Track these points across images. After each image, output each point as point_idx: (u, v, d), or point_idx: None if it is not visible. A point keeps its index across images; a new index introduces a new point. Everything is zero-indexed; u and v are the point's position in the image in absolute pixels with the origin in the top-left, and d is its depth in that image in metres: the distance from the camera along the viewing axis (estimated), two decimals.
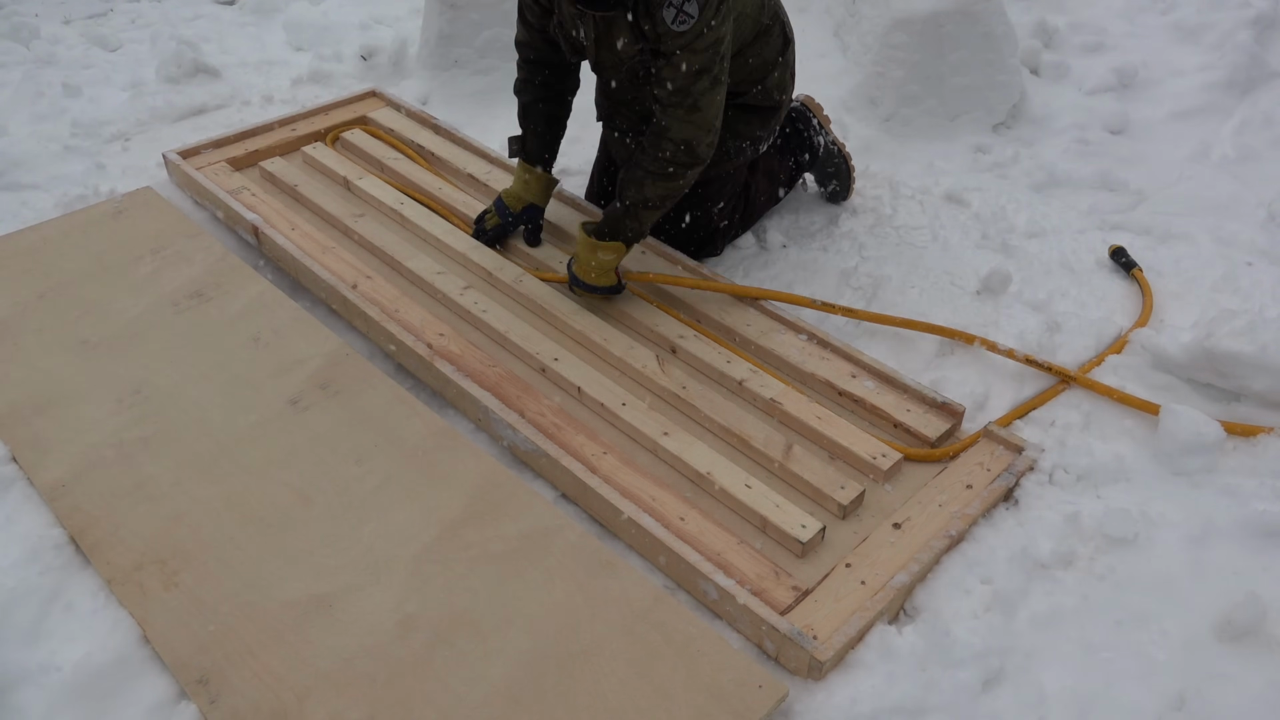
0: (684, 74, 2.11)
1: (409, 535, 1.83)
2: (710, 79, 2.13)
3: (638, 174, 2.23)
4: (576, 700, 1.56)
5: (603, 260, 2.31)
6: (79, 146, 3.21)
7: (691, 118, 2.15)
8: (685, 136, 2.17)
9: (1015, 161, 3.12)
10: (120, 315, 2.37)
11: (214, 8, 4.49)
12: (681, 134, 2.16)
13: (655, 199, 2.24)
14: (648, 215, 2.28)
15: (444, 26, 3.51)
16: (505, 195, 2.60)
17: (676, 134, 2.17)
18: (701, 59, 2.11)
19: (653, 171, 2.21)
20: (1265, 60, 3.50)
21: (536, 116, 2.52)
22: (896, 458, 2.00)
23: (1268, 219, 2.82)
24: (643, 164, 2.22)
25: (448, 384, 2.17)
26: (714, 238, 2.61)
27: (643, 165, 2.22)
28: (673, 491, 1.94)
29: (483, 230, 2.62)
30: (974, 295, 2.51)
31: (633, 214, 2.26)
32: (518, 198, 2.58)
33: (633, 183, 2.24)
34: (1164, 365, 2.23)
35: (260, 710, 1.54)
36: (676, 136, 2.17)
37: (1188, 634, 1.71)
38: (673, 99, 2.15)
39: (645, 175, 2.22)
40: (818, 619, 1.68)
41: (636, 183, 2.24)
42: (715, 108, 2.18)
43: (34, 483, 1.95)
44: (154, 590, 1.73)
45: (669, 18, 2.06)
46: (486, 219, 2.62)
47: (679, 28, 2.07)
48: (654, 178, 2.22)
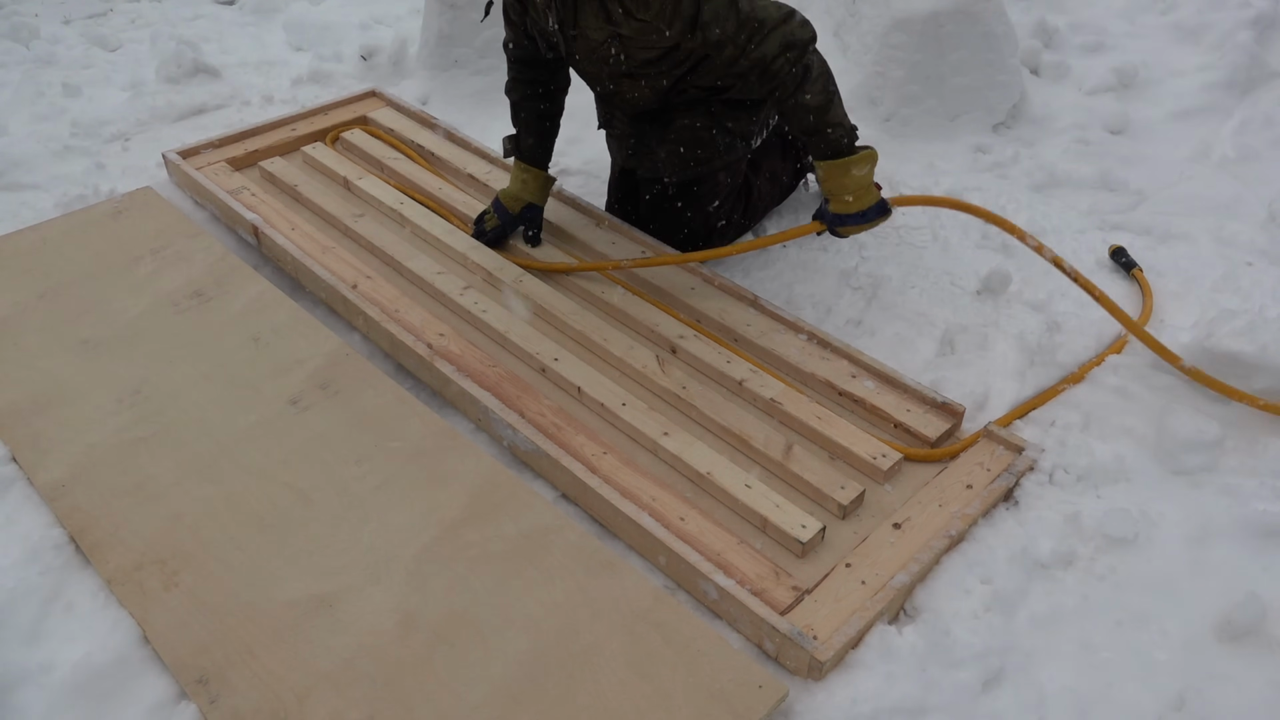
0: (724, 16, 2.04)
1: (409, 535, 1.83)
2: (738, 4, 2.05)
3: (786, 104, 2.12)
4: (576, 700, 1.56)
5: (861, 176, 2.14)
6: (79, 146, 3.21)
7: (764, 30, 2.06)
8: (779, 44, 2.06)
9: (1015, 161, 3.12)
10: (120, 315, 2.37)
11: (214, 8, 4.49)
12: (776, 46, 2.06)
13: (819, 100, 2.11)
14: (832, 115, 2.12)
15: (444, 26, 3.51)
16: (503, 196, 2.59)
17: (773, 50, 2.06)
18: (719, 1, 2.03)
19: (792, 88, 2.09)
20: (1265, 60, 3.50)
21: (528, 115, 2.51)
22: (896, 458, 2.00)
23: (1268, 219, 2.82)
24: (783, 92, 2.11)
25: (448, 384, 2.17)
26: (711, 237, 2.61)
27: (783, 92, 2.11)
28: (673, 491, 1.94)
29: (482, 231, 2.61)
30: (974, 295, 2.51)
31: (822, 127, 2.12)
32: (515, 198, 2.57)
33: (793, 111, 2.13)
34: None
35: (260, 710, 1.54)
36: (775, 51, 2.06)
37: (1188, 634, 1.71)
38: (740, 44, 2.06)
39: (790, 96, 2.10)
40: (818, 619, 1.68)
41: (795, 109, 2.12)
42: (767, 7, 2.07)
43: (34, 483, 1.95)
44: (154, 590, 1.73)
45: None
46: (486, 220, 2.61)
47: None
48: (796, 90, 2.10)
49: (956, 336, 2.37)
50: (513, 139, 2.56)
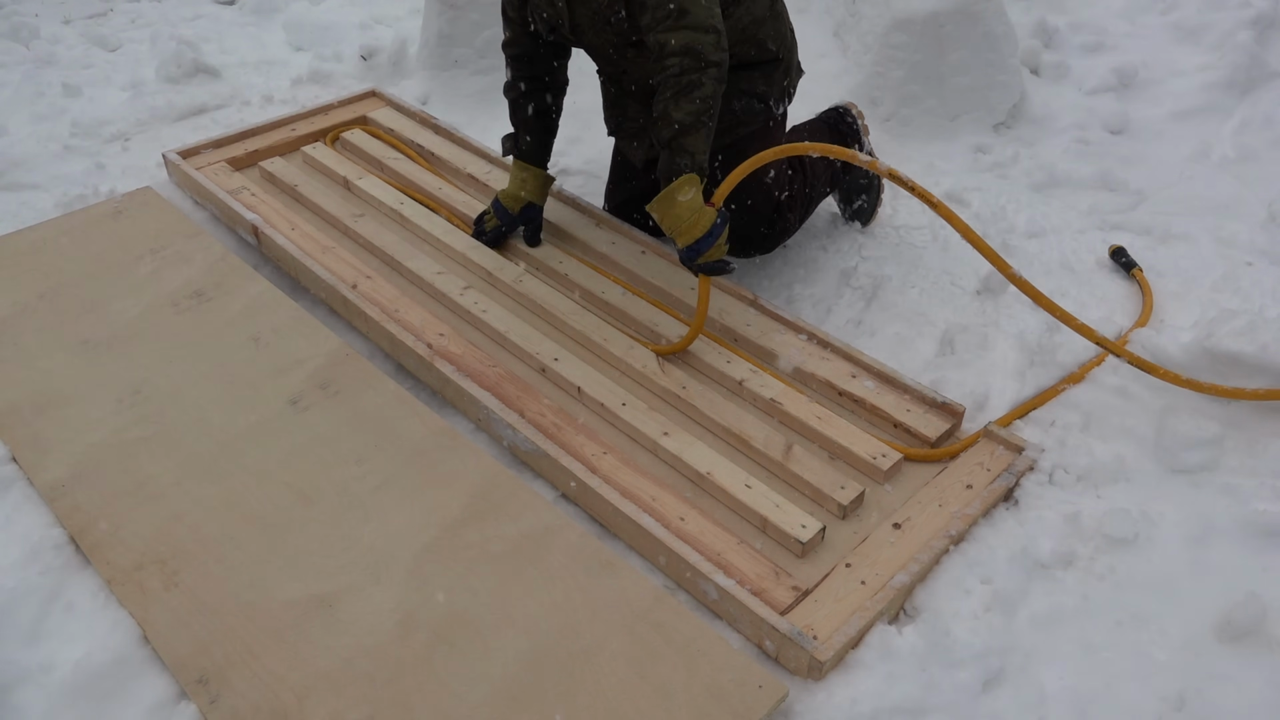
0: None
1: (409, 535, 1.83)
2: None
3: (659, 106, 2.08)
4: (576, 700, 1.56)
5: (685, 202, 2.07)
6: (79, 146, 3.21)
7: (682, 23, 2.03)
8: (684, 43, 2.03)
9: (1015, 161, 3.12)
10: (120, 315, 2.37)
11: (214, 8, 4.49)
12: (681, 42, 2.04)
13: (688, 119, 2.05)
14: (691, 141, 2.07)
15: (444, 26, 3.51)
16: (502, 196, 2.57)
17: (676, 44, 2.04)
18: None
19: (671, 92, 2.06)
20: (1265, 60, 3.50)
21: (527, 113, 2.50)
22: (896, 458, 2.00)
23: (1268, 219, 2.82)
24: (660, 98, 2.08)
25: (448, 384, 2.17)
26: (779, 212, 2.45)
27: (660, 95, 2.08)
28: (673, 491, 1.94)
29: (482, 231, 2.61)
30: (974, 295, 2.51)
31: (676, 148, 2.08)
32: (515, 197, 2.56)
33: (660, 118, 2.09)
34: (1164, 365, 2.23)
35: (260, 710, 1.54)
36: (676, 47, 2.04)
37: (1188, 634, 1.71)
38: (658, 16, 2.04)
39: (665, 101, 2.07)
40: (818, 619, 1.68)
41: (662, 115, 2.08)
42: (704, 7, 2.05)
43: (34, 483, 1.95)
44: (154, 590, 1.73)
45: None
46: (485, 220, 2.61)
47: None
48: (675, 95, 2.05)
49: (956, 336, 2.37)
50: (511, 137, 2.55)
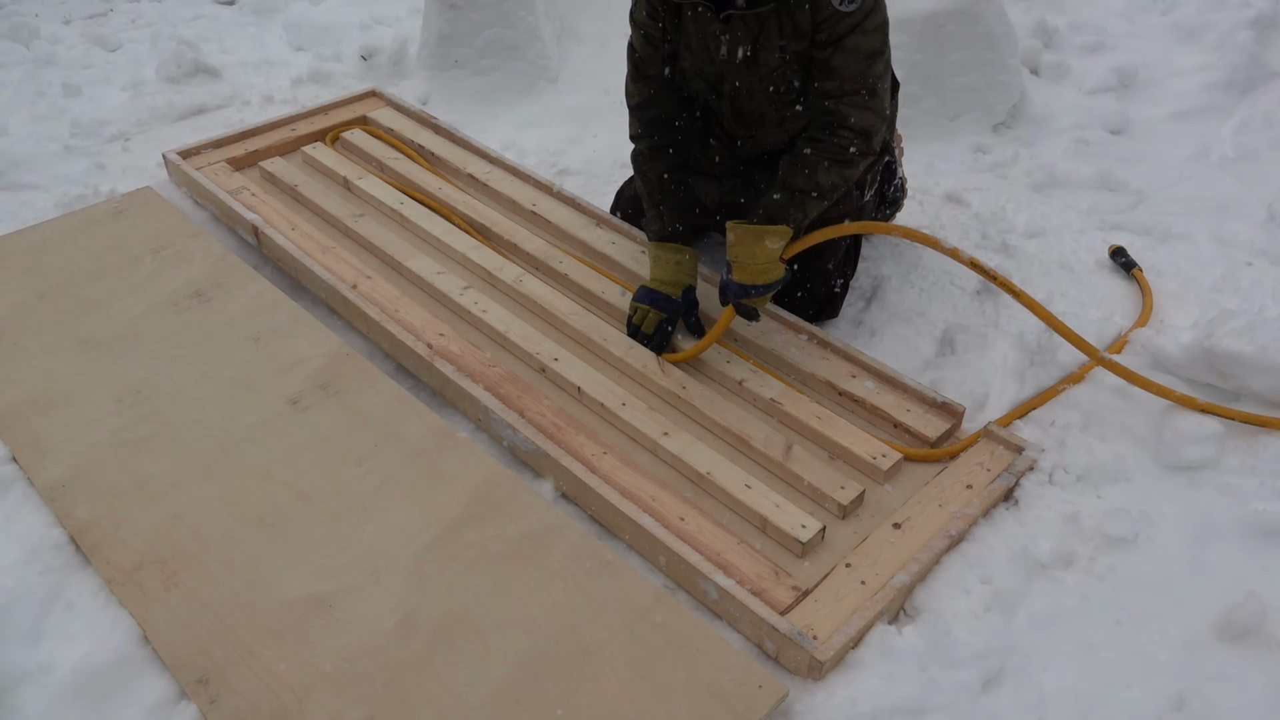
0: (858, 58, 2.00)
1: (409, 535, 1.83)
2: (884, 62, 2.03)
3: (811, 159, 2.05)
4: (576, 700, 1.56)
5: (770, 250, 2.05)
6: (79, 146, 3.21)
7: (870, 104, 2.02)
8: (864, 125, 2.03)
9: (1015, 161, 3.12)
10: (120, 315, 2.37)
11: (214, 8, 4.49)
12: (861, 122, 2.03)
13: (827, 187, 2.06)
14: (813, 205, 2.07)
15: (444, 26, 3.51)
16: (657, 284, 2.28)
17: (856, 123, 2.02)
18: (874, 40, 2.00)
19: (830, 158, 2.04)
20: (1265, 60, 3.50)
21: (672, 191, 2.28)
22: (896, 458, 2.00)
23: (1268, 219, 2.82)
24: (818, 151, 2.05)
25: (448, 384, 2.17)
26: (833, 299, 2.41)
27: (818, 152, 2.05)
28: (673, 491, 1.94)
29: (647, 336, 2.26)
30: (974, 295, 2.51)
31: (799, 203, 2.05)
32: (675, 284, 2.27)
33: (802, 170, 2.05)
34: (1164, 365, 2.23)
35: (260, 710, 1.54)
36: (856, 125, 2.03)
37: (1188, 634, 1.71)
38: (847, 88, 2.02)
39: (821, 161, 2.04)
40: (818, 619, 1.68)
41: (808, 170, 2.05)
42: (887, 94, 2.07)
43: (34, 483, 1.95)
44: (154, 590, 1.73)
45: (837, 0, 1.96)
46: (637, 320, 2.28)
47: (847, 8, 1.96)
48: (832, 164, 2.04)
49: (956, 336, 2.37)
50: (655, 219, 2.30)
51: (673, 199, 2.29)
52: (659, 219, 2.29)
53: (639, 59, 2.23)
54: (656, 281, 2.29)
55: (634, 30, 2.22)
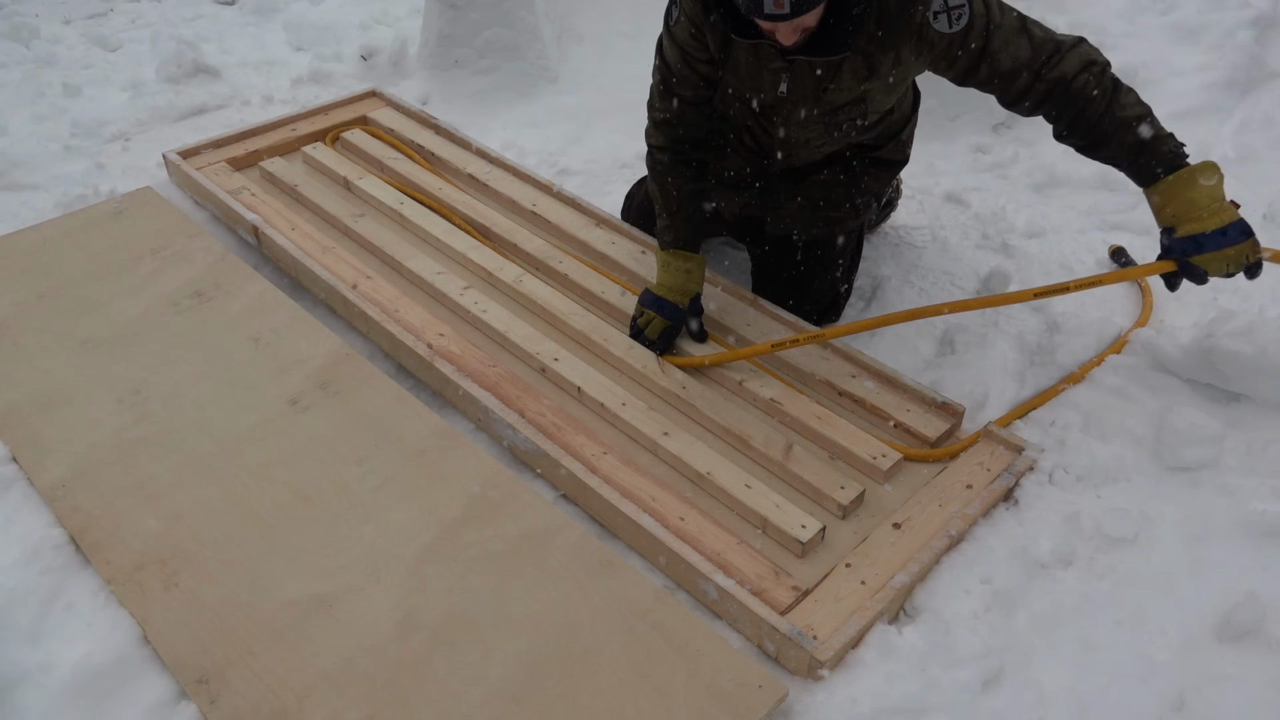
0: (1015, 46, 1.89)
1: (409, 535, 1.83)
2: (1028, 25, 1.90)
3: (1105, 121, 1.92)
4: (576, 700, 1.56)
5: (1210, 187, 1.88)
6: (79, 146, 3.22)
7: (1061, 52, 1.90)
8: (1078, 62, 1.90)
9: (1015, 161, 3.12)
10: (120, 315, 2.37)
11: (214, 8, 4.49)
12: (1074, 65, 1.89)
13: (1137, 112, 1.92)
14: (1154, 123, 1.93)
15: (444, 26, 3.51)
16: (664, 291, 2.23)
17: (1070, 68, 1.89)
18: (1009, 22, 1.89)
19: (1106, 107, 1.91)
20: (1265, 60, 3.50)
21: (686, 200, 2.21)
22: (896, 458, 2.00)
23: (1267, 219, 2.82)
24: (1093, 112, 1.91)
25: (448, 384, 2.17)
26: (837, 301, 2.42)
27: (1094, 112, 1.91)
28: (673, 491, 1.94)
29: (651, 341, 2.23)
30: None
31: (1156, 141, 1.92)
32: (682, 291, 2.22)
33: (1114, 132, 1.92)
34: (1164, 365, 2.23)
35: (260, 710, 1.54)
36: (1073, 69, 1.89)
37: (1188, 634, 1.71)
38: (1035, 67, 1.89)
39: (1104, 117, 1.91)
40: (818, 619, 1.68)
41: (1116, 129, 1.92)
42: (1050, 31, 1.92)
43: (34, 483, 1.95)
44: (154, 590, 1.73)
45: (944, 26, 1.86)
46: (641, 323, 2.25)
47: (960, 25, 1.86)
48: (1113, 106, 1.91)
49: (956, 336, 2.37)
50: (668, 229, 2.23)
51: (690, 210, 2.21)
52: (673, 230, 2.22)
53: (673, 79, 2.09)
54: (664, 288, 2.24)
55: (670, 45, 2.07)
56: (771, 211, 2.32)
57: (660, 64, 2.12)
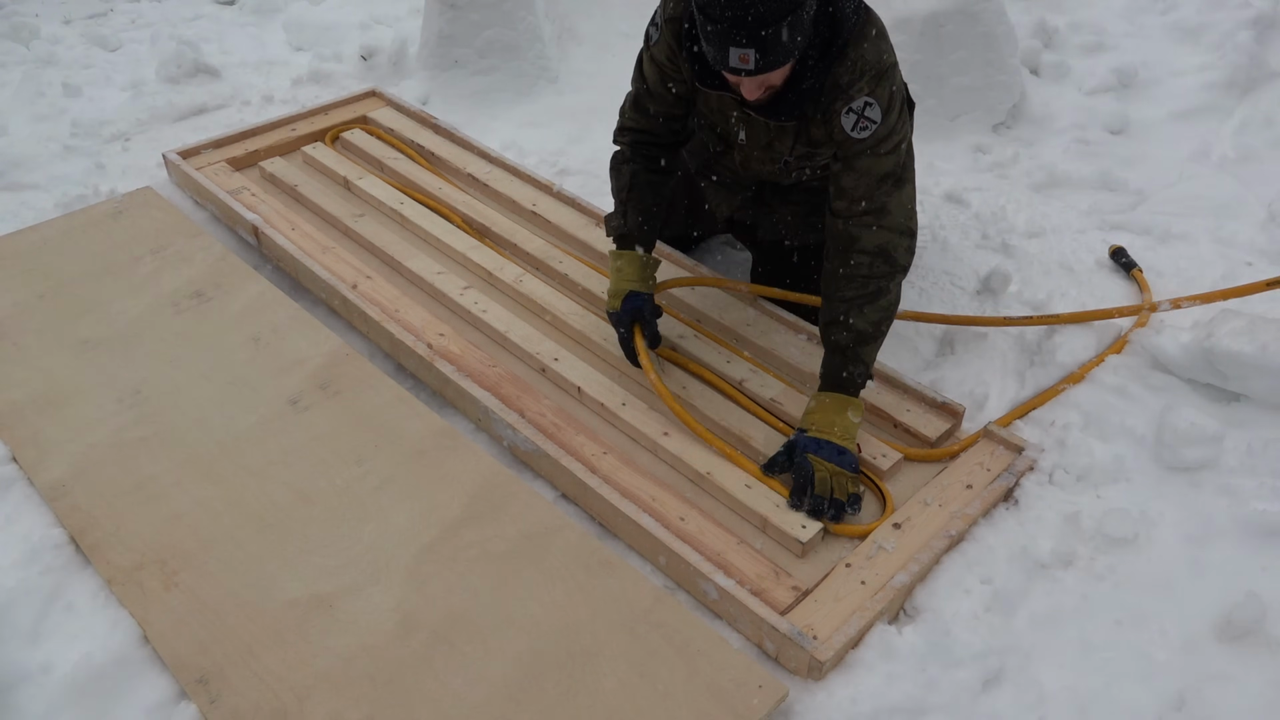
0: (869, 180, 1.89)
1: (409, 535, 1.83)
2: (894, 181, 1.91)
3: (838, 308, 1.94)
4: (577, 700, 1.56)
5: (854, 424, 1.93)
6: (79, 146, 3.21)
7: (881, 221, 1.90)
8: (879, 244, 1.91)
9: (1015, 161, 3.12)
10: (120, 315, 2.37)
11: (214, 8, 4.49)
12: (875, 243, 1.91)
13: (869, 329, 1.93)
14: (868, 351, 1.94)
15: (444, 26, 3.51)
16: (611, 300, 2.20)
17: (868, 244, 1.91)
18: (888, 162, 1.89)
19: (851, 298, 1.92)
20: (1265, 60, 3.50)
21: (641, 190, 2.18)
22: (896, 458, 2.00)
23: (1268, 219, 2.82)
24: (839, 294, 1.94)
25: (448, 384, 2.17)
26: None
27: (839, 296, 1.93)
28: (673, 491, 1.94)
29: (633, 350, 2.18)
30: (974, 295, 2.52)
31: (852, 356, 1.94)
32: (616, 294, 2.19)
33: (835, 323, 1.95)
34: (1164, 365, 2.23)
35: (260, 710, 1.54)
36: (868, 246, 1.91)
37: (1188, 634, 1.71)
38: (855, 209, 1.91)
39: (847, 306, 1.92)
40: (818, 619, 1.68)
41: (840, 321, 1.94)
42: (905, 207, 1.93)
43: (34, 483, 1.95)
44: (154, 590, 1.73)
45: (848, 125, 1.86)
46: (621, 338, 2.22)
47: (860, 134, 1.86)
48: (859, 304, 1.92)
49: (956, 336, 2.37)
50: (617, 216, 2.23)
51: (642, 199, 2.18)
52: (618, 217, 2.22)
53: (647, 92, 2.11)
54: (610, 297, 2.20)
55: (649, 65, 2.08)
56: (763, 219, 2.33)
57: (638, 79, 2.14)
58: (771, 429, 2.07)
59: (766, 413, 2.10)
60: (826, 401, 1.95)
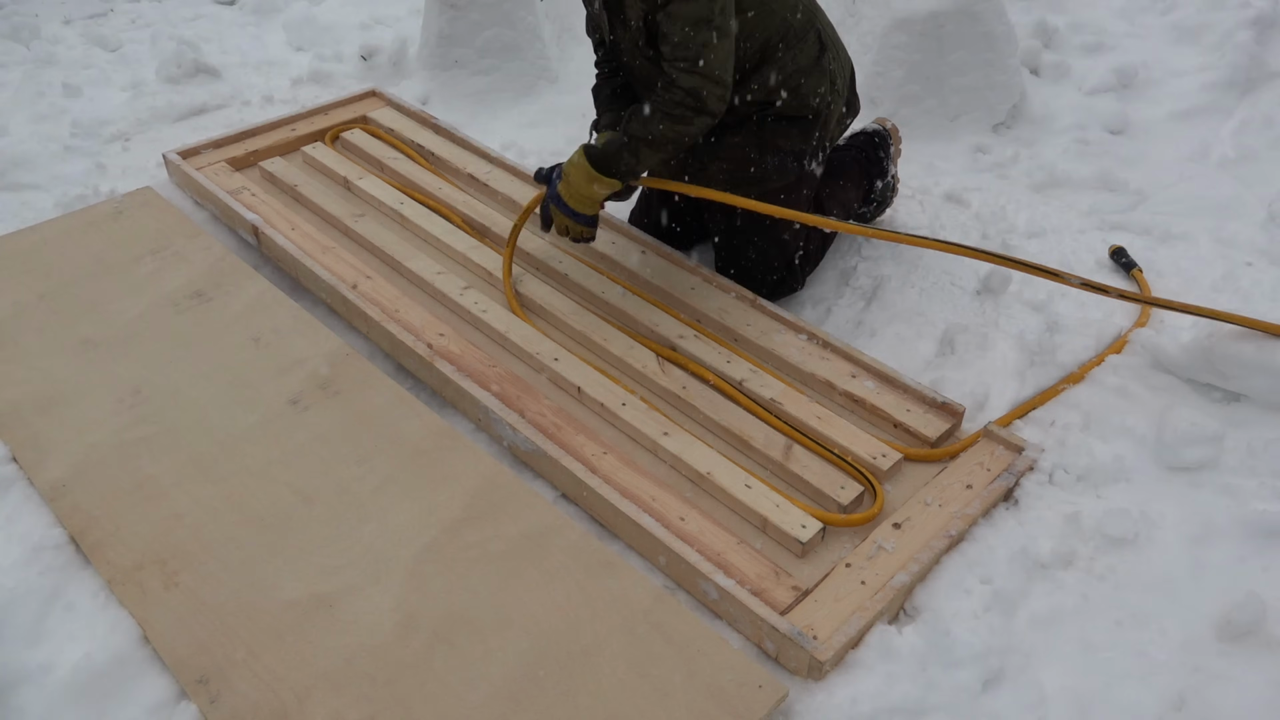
0: (682, 24, 2.06)
1: (409, 535, 1.83)
2: (710, 29, 2.06)
3: (646, 109, 2.16)
4: (576, 700, 1.56)
5: (594, 192, 2.22)
6: (79, 146, 3.21)
7: (696, 68, 2.08)
8: (691, 85, 2.10)
9: (1015, 161, 3.12)
10: (120, 315, 2.37)
11: (214, 8, 4.49)
12: (688, 83, 2.10)
13: (659, 138, 2.14)
14: (647, 154, 2.17)
15: (444, 26, 3.51)
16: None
17: (683, 83, 2.10)
18: (697, 7, 2.04)
19: (661, 110, 2.14)
20: (1265, 60, 3.50)
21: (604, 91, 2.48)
22: (896, 458, 2.00)
23: (1268, 219, 2.82)
24: (653, 101, 2.15)
25: (448, 384, 2.17)
26: (792, 269, 2.47)
27: (653, 102, 2.15)
28: (673, 491, 1.94)
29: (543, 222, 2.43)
30: (974, 295, 2.51)
31: (632, 148, 2.16)
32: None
33: (639, 118, 2.16)
34: (1164, 365, 2.23)
35: (260, 710, 1.54)
36: (684, 85, 2.10)
37: (1188, 634, 1.71)
38: (676, 53, 2.09)
39: (654, 112, 2.14)
40: (818, 619, 1.68)
41: (644, 118, 2.15)
42: (721, 59, 2.10)
43: (34, 483, 1.95)
44: (154, 590, 1.73)
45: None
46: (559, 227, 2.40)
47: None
48: (662, 116, 2.13)
49: (956, 336, 2.37)
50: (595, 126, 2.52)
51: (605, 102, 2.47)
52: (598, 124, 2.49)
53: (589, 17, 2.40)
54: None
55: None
56: (696, 177, 2.40)
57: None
58: (771, 429, 2.07)
59: (766, 413, 2.10)
60: (581, 164, 2.19)
